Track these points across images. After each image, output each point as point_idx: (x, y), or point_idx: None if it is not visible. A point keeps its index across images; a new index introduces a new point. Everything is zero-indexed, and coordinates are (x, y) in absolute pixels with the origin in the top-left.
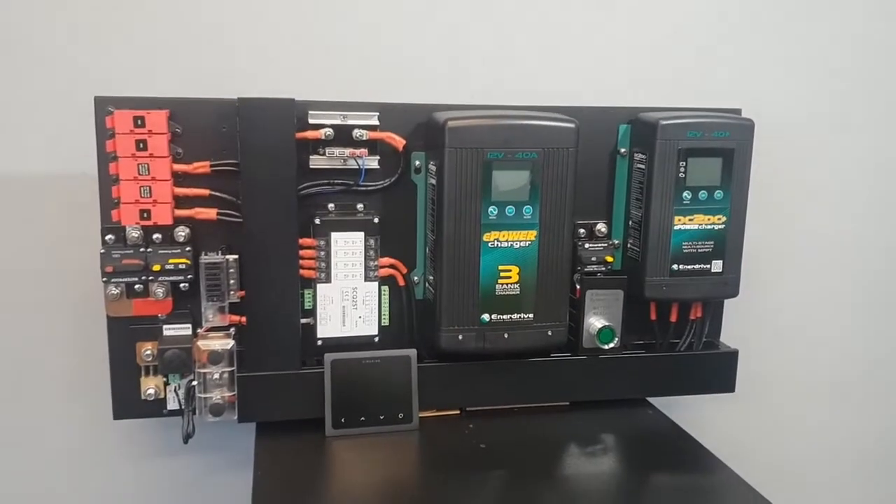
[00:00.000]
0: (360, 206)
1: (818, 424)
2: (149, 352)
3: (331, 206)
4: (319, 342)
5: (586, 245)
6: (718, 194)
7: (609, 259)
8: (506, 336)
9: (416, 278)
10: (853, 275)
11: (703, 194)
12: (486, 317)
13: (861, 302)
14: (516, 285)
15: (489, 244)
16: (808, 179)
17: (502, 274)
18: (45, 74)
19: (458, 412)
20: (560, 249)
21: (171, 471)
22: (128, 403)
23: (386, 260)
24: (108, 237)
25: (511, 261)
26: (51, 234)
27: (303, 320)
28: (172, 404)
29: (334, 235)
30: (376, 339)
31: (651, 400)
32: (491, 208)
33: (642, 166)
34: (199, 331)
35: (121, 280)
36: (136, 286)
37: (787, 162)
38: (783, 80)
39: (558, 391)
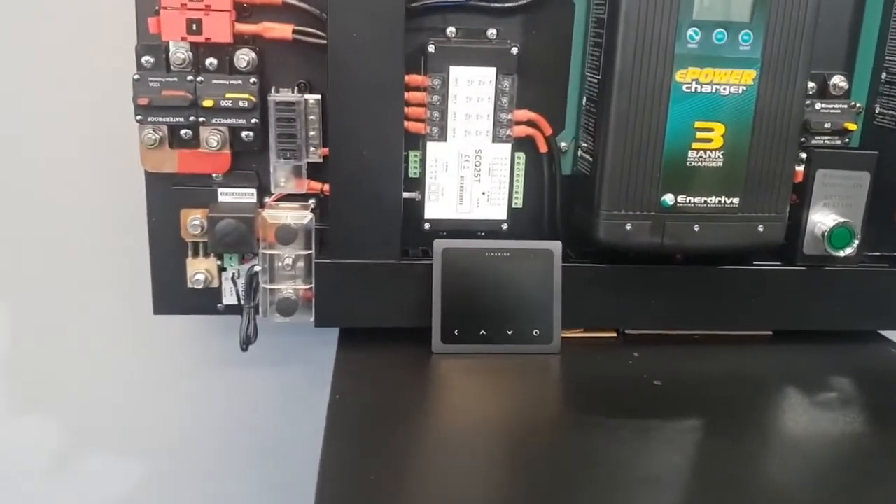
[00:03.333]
0: (491, 32)
1: None
2: (197, 221)
3: (451, 29)
4: (427, 225)
5: (818, 105)
6: None
7: (850, 126)
8: (696, 228)
9: (563, 144)
10: None
11: None
12: (668, 198)
13: None
14: (719, 153)
15: (684, 87)
16: None
17: (700, 135)
18: None
19: (613, 334)
20: (789, 104)
21: (224, 384)
22: (171, 294)
23: (523, 114)
24: (145, 59)
25: (715, 115)
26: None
27: (406, 194)
28: (229, 298)
29: (454, 71)
30: (504, 226)
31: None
32: (691, 32)
33: None
34: (266, 199)
35: (161, 119)
36: (182, 131)
37: None
38: None
39: (761, 315)
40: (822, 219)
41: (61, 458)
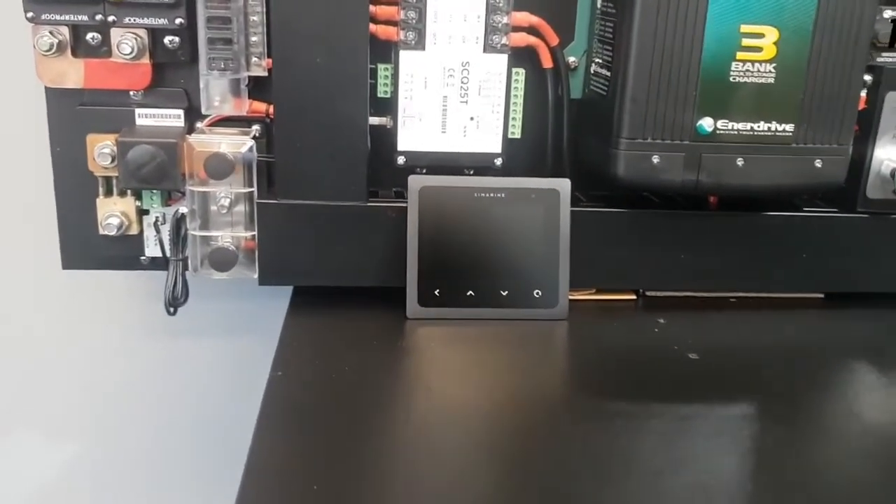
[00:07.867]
0: None
1: None
2: (107, 150)
3: None
4: (401, 159)
5: (886, 13)
6: None
7: None
8: (739, 163)
9: (572, 59)
10: None
11: None
12: (706, 123)
13: None
14: (770, 66)
15: None
16: None
17: (746, 42)
18: None
19: (632, 297)
20: (860, 5)
21: (150, 357)
22: (83, 243)
23: (523, 17)
24: None
25: (766, 16)
26: None
27: (373, 119)
28: (153, 248)
29: None
30: (498, 161)
31: None
32: None
33: None
34: (197, 124)
35: (58, 17)
36: (89, 35)
37: None
38: None
39: (812, 273)
40: (890, 154)
41: None
